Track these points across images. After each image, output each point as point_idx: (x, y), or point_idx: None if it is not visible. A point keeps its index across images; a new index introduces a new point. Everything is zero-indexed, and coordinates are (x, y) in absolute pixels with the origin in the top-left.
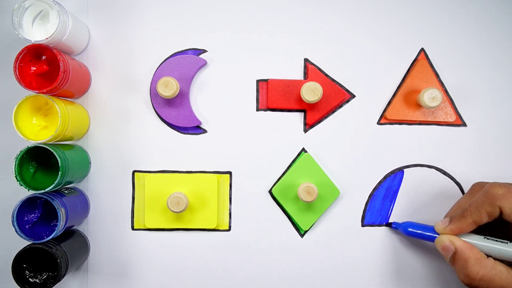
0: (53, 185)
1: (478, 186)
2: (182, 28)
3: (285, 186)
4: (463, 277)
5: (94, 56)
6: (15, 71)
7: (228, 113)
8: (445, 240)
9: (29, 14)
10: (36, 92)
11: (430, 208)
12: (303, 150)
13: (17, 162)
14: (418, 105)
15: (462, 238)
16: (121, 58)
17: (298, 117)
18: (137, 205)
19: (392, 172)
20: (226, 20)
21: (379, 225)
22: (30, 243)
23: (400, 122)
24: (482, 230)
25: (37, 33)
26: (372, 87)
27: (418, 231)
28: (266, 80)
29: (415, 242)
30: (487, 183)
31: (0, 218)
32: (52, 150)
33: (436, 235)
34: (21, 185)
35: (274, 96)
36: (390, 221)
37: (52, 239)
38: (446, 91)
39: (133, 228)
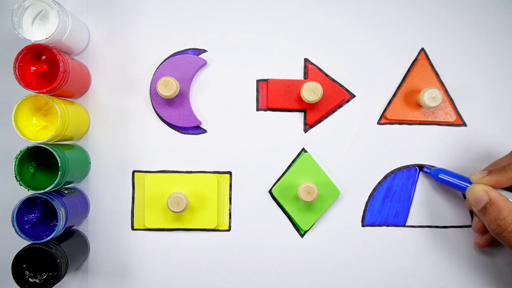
0: (53, 185)
1: None
2: (182, 28)
3: (285, 186)
4: (494, 227)
5: (94, 56)
6: (15, 71)
7: (228, 113)
8: (480, 190)
9: (29, 14)
10: (36, 92)
11: (431, 208)
12: (303, 150)
13: (17, 162)
14: (418, 105)
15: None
16: (121, 58)
17: (298, 117)
18: (137, 205)
19: (392, 172)
20: (226, 20)
21: (380, 225)
22: (30, 243)
23: (400, 122)
24: None
25: (37, 33)
26: (372, 87)
27: (450, 179)
28: (266, 80)
29: (415, 243)
30: None
31: (0, 218)
32: (52, 150)
33: (467, 185)
34: (21, 185)
35: (274, 96)
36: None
37: (52, 239)
38: (446, 91)
39: (133, 228)
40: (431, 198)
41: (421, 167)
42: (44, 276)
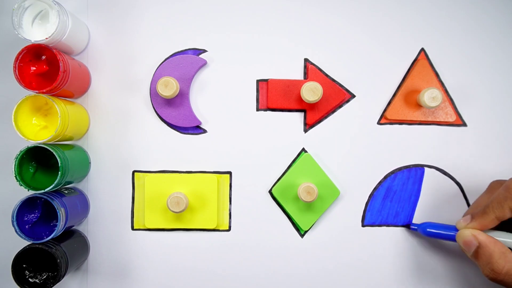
0: (53, 185)
1: (497, 184)
2: (182, 28)
3: (285, 186)
4: (488, 272)
5: (94, 56)
6: (15, 71)
7: (228, 113)
8: (468, 235)
9: (29, 14)
10: (36, 92)
11: (431, 208)
12: (303, 150)
13: (17, 162)
14: (418, 105)
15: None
16: (121, 58)
17: (298, 117)
18: (137, 205)
19: (392, 172)
20: (226, 20)
21: (380, 225)
22: (30, 243)
23: (400, 122)
24: (503, 227)
25: (37, 33)
26: (372, 87)
27: (438, 231)
28: (266, 80)
29: (415, 242)
30: (505, 180)
31: (0, 218)
32: (52, 150)
33: (455, 233)
34: (21, 185)
35: (274, 96)
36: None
37: (52, 239)
38: (446, 91)
39: (133, 228)
40: (433, 198)
41: (407, 226)
42: (44, 276)
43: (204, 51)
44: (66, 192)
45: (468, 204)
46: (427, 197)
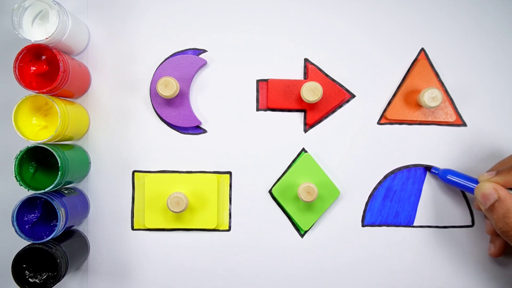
0: (53, 185)
1: None
2: (182, 28)
3: (285, 186)
4: (502, 225)
5: (94, 56)
6: (15, 71)
7: (228, 113)
8: (489, 187)
9: (29, 14)
10: (36, 92)
11: (431, 208)
12: (303, 150)
13: (17, 162)
14: (418, 105)
15: None
16: (121, 58)
17: (298, 117)
18: (137, 205)
19: (392, 172)
20: (226, 20)
21: (380, 225)
22: (30, 243)
23: (400, 122)
24: None
25: (37, 33)
26: (372, 87)
27: (459, 179)
28: (266, 80)
29: (415, 243)
30: None
31: (0, 218)
32: (52, 150)
33: (474, 185)
34: (21, 185)
35: (274, 96)
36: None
37: (52, 239)
38: (446, 91)
39: (133, 228)
40: (435, 198)
41: (428, 168)
42: (44, 276)
43: (204, 51)
44: (66, 192)
45: (468, 204)
46: (427, 197)
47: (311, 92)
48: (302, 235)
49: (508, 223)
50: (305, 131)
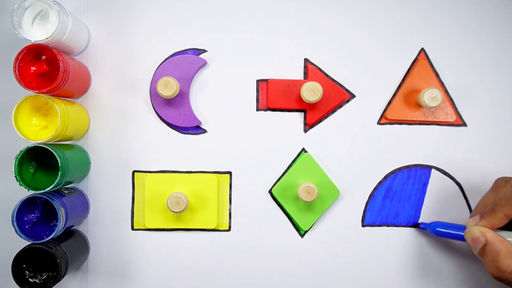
0: (53, 185)
1: (502, 181)
2: (182, 28)
3: (285, 186)
4: (493, 270)
5: (94, 56)
6: (15, 71)
7: (228, 113)
8: (476, 231)
9: (29, 14)
10: (36, 92)
11: (431, 208)
12: (303, 150)
13: (17, 162)
14: (418, 105)
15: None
16: (121, 58)
17: (298, 117)
18: (137, 205)
19: (392, 172)
20: (226, 20)
21: (380, 225)
22: (30, 243)
23: (400, 122)
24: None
25: (37, 33)
26: (372, 87)
27: (448, 231)
28: (266, 80)
29: (415, 242)
30: (511, 177)
31: (0, 218)
32: (52, 150)
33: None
34: (21, 185)
35: (274, 96)
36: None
37: (52, 239)
38: (446, 91)
39: (133, 228)
40: (435, 199)
41: (416, 225)
42: (44, 276)
43: (204, 51)
44: (66, 192)
45: (468, 204)
46: (427, 197)
47: (311, 92)
48: (302, 235)
49: (499, 267)
50: (305, 131)
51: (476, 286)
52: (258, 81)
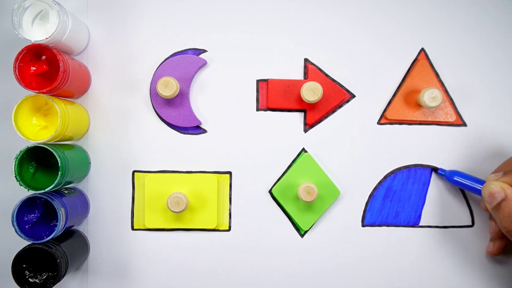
0: (53, 185)
1: None
2: (182, 28)
3: (285, 186)
4: (508, 224)
5: (94, 56)
6: (15, 71)
7: (228, 113)
8: (496, 186)
9: (29, 14)
10: (36, 92)
11: (431, 208)
12: (303, 150)
13: (17, 162)
14: (418, 105)
15: None
16: (121, 58)
17: (298, 117)
18: (137, 205)
19: (392, 172)
20: (226, 20)
21: (380, 225)
22: (30, 243)
23: (400, 122)
24: None
25: (37, 33)
26: (372, 87)
27: (465, 181)
28: (266, 80)
29: (415, 243)
30: None
31: (0, 218)
32: (52, 150)
33: (481, 186)
34: (21, 185)
35: (274, 96)
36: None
37: (52, 239)
38: (446, 91)
39: (133, 228)
40: (435, 199)
41: (435, 169)
42: (44, 276)
43: (204, 51)
44: (66, 192)
45: (469, 204)
46: (428, 197)
47: (311, 92)
48: (302, 235)
49: None
50: (305, 131)
51: (475, 285)
52: (258, 81)
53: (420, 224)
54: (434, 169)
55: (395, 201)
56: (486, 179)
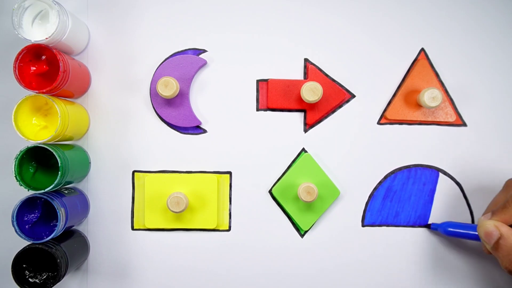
0: (53, 185)
1: None
2: (182, 28)
3: (285, 186)
4: (507, 264)
5: (94, 56)
6: (15, 71)
7: (228, 113)
8: (490, 225)
9: (29, 14)
10: (36, 92)
11: (431, 208)
12: (303, 150)
13: (17, 162)
14: (418, 105)
15: None
16: (121, 58)
17: (298, 117)
18: (137, 205)
19: (392, 172)
20: (226, 20)
21: (380, 225)
22: (30, 243)
23: (400, 122)
24: None
25: (37, 33)
26: (372, 87)
27: (459, 230)
28: (266, 80)
29: (415, 243)
30: None
31: (0, 218)
32: (52, 150)
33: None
34: (21, 185)
35: (274, 96)
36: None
37: (52, 239)
38: (446, 91)
39: (133, 228)
40: (435, 199)
41: (427, 226)
42: (44, 276)
43: (204, 51)
44: (66, 192)
45: (468, 205)
46: (427, 197)
47: (311, 92)
48: (302, 235)
49: None
50: (305, 131)
51: (474, 286)
52: (258, 81)
53: (423, 224)
54: (427, 226)
55: (395, 201)
56: (478, 222)
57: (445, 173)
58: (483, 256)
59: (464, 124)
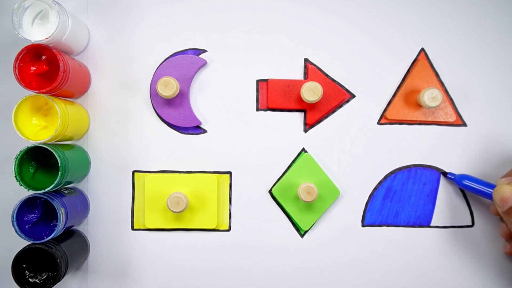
0: (53, 185)
1: None
2: (182, 28)
3: (285, 186)
4: None
5: (94, 56)
6: (15, 71)
7: (228, 113)
8: (508, 191)
9: (29, 14)
10: (36, 92)
11: (431, 208)
12: (303, 150)
13: (17, 162)
14: (418, 105)
15: None
16: (121, 58)
17: (298, 117)
18: (137, 205)
19: (392, 172)
20: (226, 20)
21: (380, 225)
22: (30, 243)
23: (400, 122)
24: None
25: (37, 33)
26: (372, 87)
27: (475, 185)
28: (266, 80)
29: (415, 243)
30: None
31: (0, 218)
32: (52, 150)
33: (491, 190)
34: (21, 185)
35: (274, 96)
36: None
37: (52, 239)
38: (446, 91)
39: (133, 228)
40: (435, 199)
41: (444, 173)
42: (44, 276)
43: (204, 51)
44: (66, 192)
45: (469, 205)
46: (427, 197)
47: (311, 92)
48: (302, 235)
49: None
50: (305, 131)
51: (474, 286)
52: (258, 81)
53: (423, 224)
54: (443, 173)
55: (395, 201)
56: (497, 183)
57: (445, 173)
58: (483, 256)
59: (464, 124)
